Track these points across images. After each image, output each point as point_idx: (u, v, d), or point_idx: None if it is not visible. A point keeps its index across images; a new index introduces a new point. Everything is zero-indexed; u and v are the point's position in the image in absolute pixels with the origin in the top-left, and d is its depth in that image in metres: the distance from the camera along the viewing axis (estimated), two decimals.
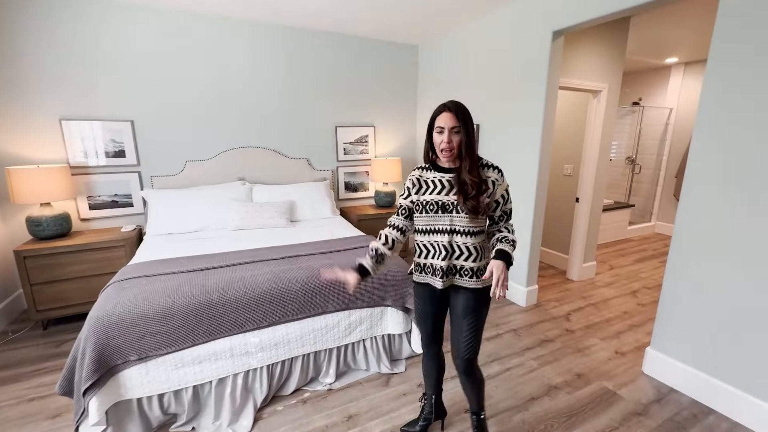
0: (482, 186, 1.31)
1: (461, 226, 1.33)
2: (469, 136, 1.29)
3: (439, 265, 1.36)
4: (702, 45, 4.11)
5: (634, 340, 2.54)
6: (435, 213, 1.34)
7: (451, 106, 1.30)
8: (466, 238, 1.34)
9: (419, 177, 1.41)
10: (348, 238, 2.61)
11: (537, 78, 2.65)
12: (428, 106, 3.98)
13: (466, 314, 1.38)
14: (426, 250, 1.39)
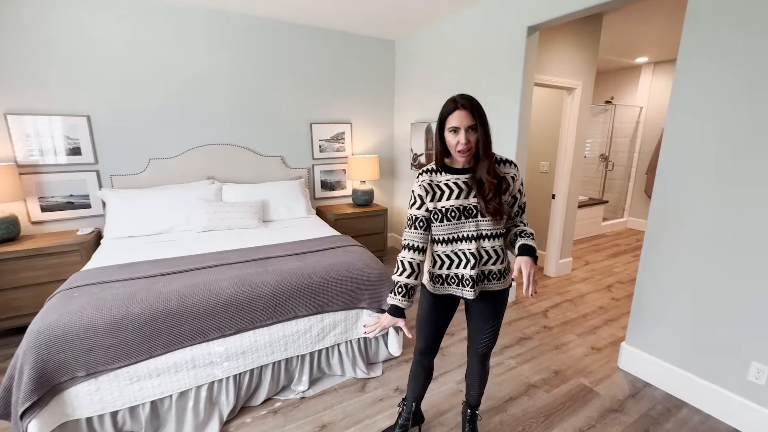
0: (502, 185, 1.24)
1: (487, 229, 1.24)
2: (486, 134, 1.20)
3: (468, 275, 1.25)
4: (670, 45, 4.23)
5: (610, 335, 2.56)
6: (458, 220, 1.24)
7: (464, 102, 1.20)
8: (493, 242, 1.26)
9: (430, 182, 1.27)
10: (323, 239, 2.51)
11: (513, 74, 2.62)
12: (405, 102, 3.92)
13: (490, 317, 1.35)
14: (450, 261, 1.28)
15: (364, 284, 2.02)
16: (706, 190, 1.73)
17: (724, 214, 1.68)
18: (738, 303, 1.68)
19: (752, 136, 1.57)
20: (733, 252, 1.67)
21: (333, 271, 1.99)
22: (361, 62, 3.83)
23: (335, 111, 3.81)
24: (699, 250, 1.79)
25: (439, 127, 1.24)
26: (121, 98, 2.86)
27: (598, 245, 4.73)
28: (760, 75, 1.53)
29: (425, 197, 1.27)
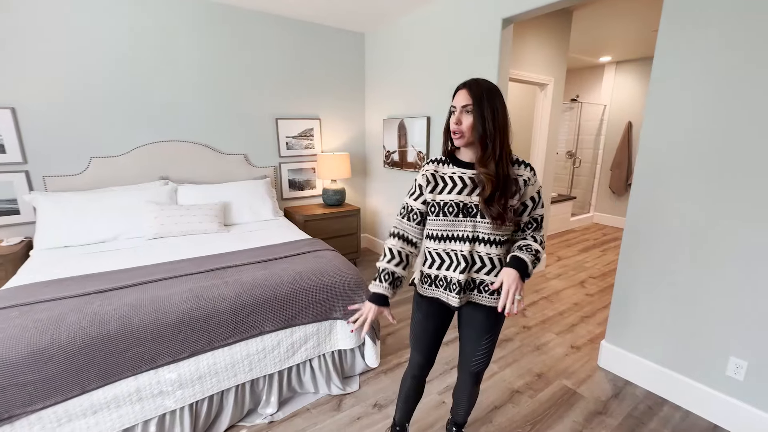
0: (510, 186, 1.09)
1: (486, 233, 1.11)
2: (483, 118, 1.05)
3: (456, 279, 1.14)
4: (632, 45, 4.35)
5: (587, 332, 2.55)
6: (455, 216, 1.12)
7: (470, 83, 1.08)
8: (490, 248, 1.12)
9: (434, 172, 1.17)
10: (291, 243, 2.31)
11: (488, 68, 2.54)
12: (376, 97, 3.77)
13: (484, 333, 1.22)
14: (440, 260, 1.16)
15: (338, 292, 1.85)
16: (683, 187, 1.71)
17: (701, 212, 1.67)
18: (716, 299, 1.67)
19: (729, 132, 1.55)
20: (711, 249, 1.66)
21: (302, 280, 1.80)
22: (330, 55, 3.63)
23: (303, 106, 3.59)
24: (677, 248, 1.77)
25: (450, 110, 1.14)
26: (54, 88, 2.50)
27: (569, 240, 4.81)
28: (735, 71, 1.51)
29: (425, 187, 1.17)
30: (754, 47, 1.46)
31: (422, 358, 1.32)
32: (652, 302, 1.90)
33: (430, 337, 1.28)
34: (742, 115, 1.52)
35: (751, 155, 1.51)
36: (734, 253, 1.60)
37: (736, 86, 1.52)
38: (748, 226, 1.54)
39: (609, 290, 3.24)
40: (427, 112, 3.15)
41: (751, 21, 1.45)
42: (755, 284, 1.56)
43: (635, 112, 5.16)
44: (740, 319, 1.61)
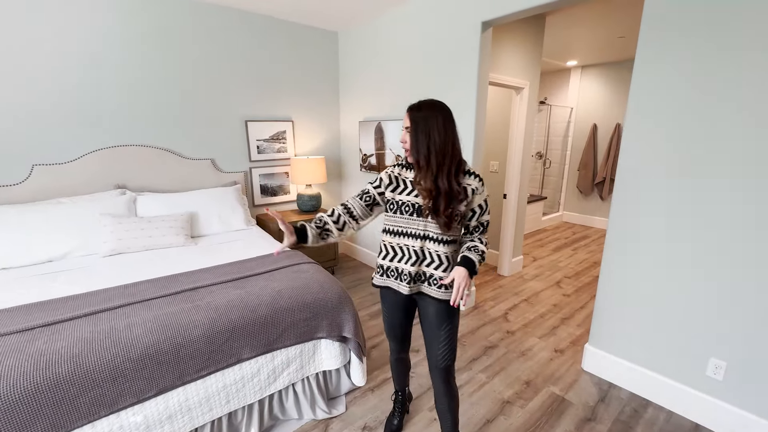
0: (456, 196, 1.22)
1: (435, 233, 1.27)
2: (417, 141, 1.21)
3: (407, 270, 1.30)
4: (596, 50, 4.51)
5: (568, 335, 2.58)
6: (410, 216, 1.28)
7: (414, 106, 1.26)
8: (438, 246, 1.28)
9: (398, 175, 1.33)
10: (267, 257, 2.15)
11: (467, 71, 2.50)
12: (352, 99, 3.65)
13: (440, 324, 1.32)
14: (393, 253, 1.33)
15: (322, 310, 1.73)
16: (663, 190, 1.74)
17: (681, 215, 1.70)
18: (695, 300, 1.72)
19: (708, 135, 1.59)
20: (690, 252, 1.70)
21: (283, 299, 1.67)
22: (302, 54, 3.47)
23: (274, 107, 3.40)
24: (657, 251, 1.80)
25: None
26: None
27: (541, 240, 4.93)
28: (713, 74, 1.54)
29: (386, 185, 1.34)
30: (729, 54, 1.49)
31: (397, 344, 1.52)
32: (633, 306, 1.93)
33: (397, 326, 1.46)
34: (719, 116, 1.55)
35: (730, 156, 1.55)
36: (713, 256, 1.64)
37: (714, 91, 1.56)
38: (728, 228, 1.59)
39: (584, 289, 3.33)
40: (404, 113, 3.07)
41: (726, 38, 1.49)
42: (734, 286, 1.60)
43: (600, 115, 5.37)
44: (719, 320, 1.66)
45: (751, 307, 1.57)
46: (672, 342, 1.82)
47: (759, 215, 1.50)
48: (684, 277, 1.74)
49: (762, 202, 1.49)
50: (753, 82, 1.45)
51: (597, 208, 5.60)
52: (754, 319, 1.57)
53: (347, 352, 1.86)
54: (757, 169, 1.48)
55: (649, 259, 1.84)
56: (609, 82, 5.20)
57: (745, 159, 1.51)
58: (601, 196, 5.51)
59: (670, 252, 1.77)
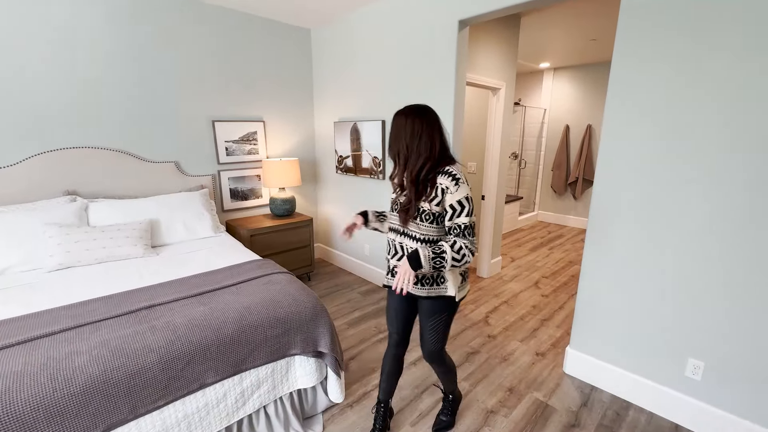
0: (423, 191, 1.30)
1: (409, 229, 1.35)
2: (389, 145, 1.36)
3: (393, 264, 1.43)
4: (568, 53, 4.59)
5: (549, 337, 2.56)
6: (392, 213, 1.42)
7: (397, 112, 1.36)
8: (410, 242, 1.35)
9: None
10: (236, 267, 2.00)
11: (445, 71, 2.44)
12: (326, 99, 3.53)
13: (427, 318, 1.43)
14: (389, 248, 1.45)
15: (295, 324, 1.61)
16: (641, 193, 1.74)
17: (657, 217, 1.70)
18: (672, 301, 1.72)
19: (685, 134, 1.59)
20: (668, 252, 1.70)
21: (252, 315, 1.54)
22: (274, 52, 3.31)
23: (244, 107, 3.23)
24: (636, 253, 1.80)
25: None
26: None
27: (518, 240, 4.97)
28: (691, 72, 1.54)
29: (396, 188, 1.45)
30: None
31: (397, 336, 1.55)
32: (612, 308, 1.92)
33: (398, 317, 1.51)
34: (695, 120, 1.55)
35: (707, 156, 1.55)
36: (690, 256, 1.64)
37: (692, 89, 1.56)
38: (705, 230, 1.59)
39: (561, 289, 3.35)
40: (381, 115, 2.98)
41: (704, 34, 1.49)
42: (709, 287, 1.61)
43: (572, 116, 5.49)
44: (697, 320, 1.67)
45: (726, 307, 1.58)
46: (650, 343, 1.82)
47: (734, 217, 1.51)
48: (661, 278, 1.74)
49: (738, 204, 1.50)
50: (733, 80, 1.45)
51: (571, 207, 5.72)
52: (729, 318, 1.58)
53: (323, 368, 1.75)
54: (733, 170, 1.49)
55: (627, 261, 1.83)
56: (580, 84, 5.32)
57: (722, 159, 1.51)
58: (574, 196, 5.63)
59: (647, 254, 1.76)
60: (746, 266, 1.51)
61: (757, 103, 1.40)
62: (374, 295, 3.15)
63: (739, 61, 1.42)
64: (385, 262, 1.48)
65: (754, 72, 1.39)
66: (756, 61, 1.38)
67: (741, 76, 1.42)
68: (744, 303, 1.54)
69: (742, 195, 1.48)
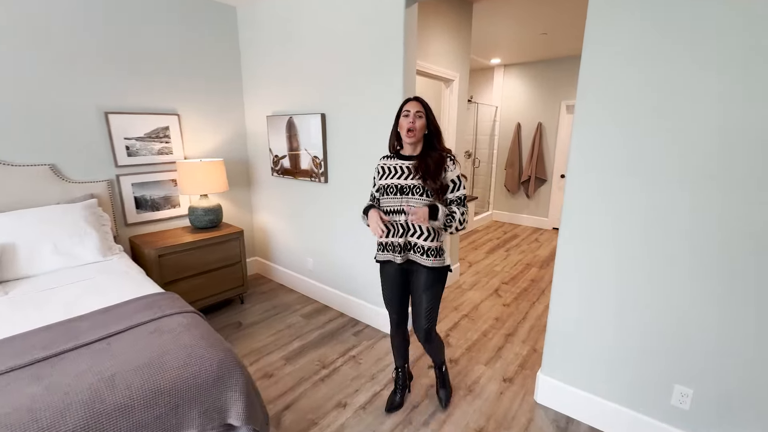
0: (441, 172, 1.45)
1: (415, 206, 1.44)
2: (432, 124, 1.50)
3: (397, 242, 1.51)
4: (518, 48, 4.46)
5: (515, 356, 2.30)
6: (394, 195, 1.50)
7: (418, 97, 1.49)
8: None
9: (384, 165, 1.58)
10: (116, 308, 1.46)
11: (392, 55, 2.07)
12: (258, 90, 3.01)
13: (424, 289, 1.54)
14: (388, 230, 1.51)
15: (190, 395, 1.14)
16: (617, 203, 1.49)
17: (638, 227, 1.46)
18: (656, 321, 1.49)
19: (658, 134, 1.35)
20: (651, 269, 1.47)
21: (116, 391, 1.04)
22: (189, 31, 2.73)
23: (150, 97, 2.62)
24: (613, 271, 1.55)
25: (396, 117, 1.51)
26: None
27: (475, 242, 4.78)
28: (662, 69, 1.30)
29: (378, 177, 1.59)
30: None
31: (396, 316, 1.69)
32: (589, 329, 1.67)
33: (394, 297, 1.64)
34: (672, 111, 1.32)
35: (688, 156, 1.32)
36: (676, 273, 1.42)
37: (665, 80, 1.32)
38: (688, 240, 1.37)
39: (522, 297, 3.15)
40: (321, 108, 2.55)
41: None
42: (698, 305, 1.39)
43: (523, 114, 5.42)
44: (685, 343, 1.45)
45: (717, 328, 1.37)
46: (632, 368, 1.59)
47: (722, 227, 1.29)
48: (643, 296, 1.50)
49: (725, 212, 1.28)
50: (709, 66, 1.23)
51: (524, 206, 5.67)
52: (721, 341, 1.37)
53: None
54: (715, 170, 1.27)
55: (603, 277, 1.58)
56: (531, 81, 5.26)
57: (702, 159, 1.29)
58: (527, 194, 5.59)
59: (627, 270, 1.52)
60: (741, 281, 1.30)
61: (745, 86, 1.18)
62: (319, 317, 2.71)
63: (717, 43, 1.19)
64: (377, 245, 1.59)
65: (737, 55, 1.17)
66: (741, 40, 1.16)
67: (724, 59, 1.20)
68: (738, 323, 1.33)
69: (732, 194, 1.26)
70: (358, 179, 2.43)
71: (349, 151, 2.45)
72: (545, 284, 3.43)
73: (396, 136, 1.54)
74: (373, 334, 2.51)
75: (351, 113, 2.38)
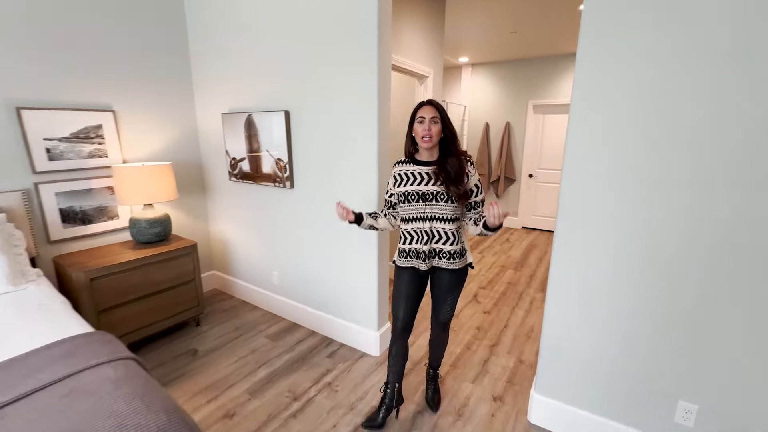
0: (463, 177, 1.44)
1: (440, 213, 1.45)
2: (449, 128, 1.47)
3: (421, 249, 1.49)
4: (487, 46, 4.40)
5: (502, 369, 2.17)
6: (416, 202, 1.47)
7: (431, 100, 1.47)
8: (445, 224, 1.47)
9: (400, 171, 1.53)
10: (17, 361, 1.12)
11: (366, 46, 1.85)
12: (210, 85, 2.66)
13: (449, 291, 1.58)
14: (410, 237, 1.52)
15: None
16: (618, 208, 1.38)
17: (638, 239, 1.35)
18: (660, 333, 1.40)
19: (658, 142, 1.25)
20: (652, 280, 1.37)
21: None
22: (127, 13, 2.34)
23: (78, 89, 2.21)
24: (612, 280, 1.44)
25: (410, 122, 1.49)
26: None
27: None
28: (657, 70, 1.19)
29: (393, 185, 1.55)
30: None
31: (404, 321, 1.60)
32: (585, 344, 1.56)
33: (409, 298, 1.58)
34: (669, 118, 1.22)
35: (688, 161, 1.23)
36: (679, 280, 1.32)
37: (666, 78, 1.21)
38: (692, 246, 1.27)
39: (501, 302, 3.05)
40: (285, 104, 2.28)
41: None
42: (702, 314, 1.31)
43: (491, 114, 5.40)
44: (690, 355, 1.36)
45: (724, 339, 1.29)
46: (632, 383, 1.49)
47: (724, 232, 1.21)
48: (644, 306, 1.40)
49: (734, 217, 1.19)
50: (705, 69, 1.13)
51: None
52: (728, 352, 1.29)
53: None
54: (719, 175, 1.18)
55: (603, 288, 1.47)
56: (498, 81, 5.24)
57: (709, 163, 1.20)
58: (497, 194, 5.58)
59: (627, 280, 1.41)
60: (747, 283, 1.22)
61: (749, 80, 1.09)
62: (288, 338, 2.44)
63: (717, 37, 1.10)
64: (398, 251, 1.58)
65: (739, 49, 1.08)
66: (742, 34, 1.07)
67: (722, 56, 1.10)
68: (745, 332, 1.25)
69: (734, 199, 1.18)
70: (329, 184, 2.19)
71: (319, 152, 2.20)
72: (522, 287, 3.36)
73: (411, 140, 1.51)
74: (349, 354, 2.28)
75: (319, 111, 2.13)
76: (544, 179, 5.23)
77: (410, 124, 1.48)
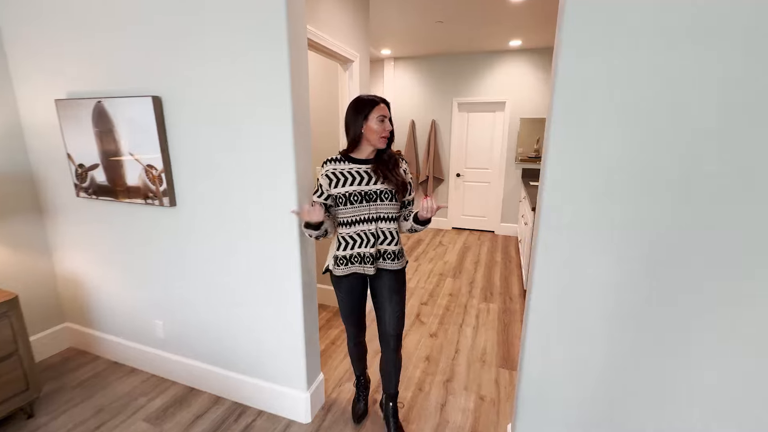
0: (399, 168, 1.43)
1: (386, 212, 1.40)
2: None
3: (368, 253, 1.41)
4: (411, 37, 4.09)
5: (463, 415, 1.81)
6: (359, 203, 1.38)
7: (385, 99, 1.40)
8: (389, 224, 1.42)
9: (335, 170, 1.39)
10: None
11: (269, 9, 1.30)
12: (37, 58, 1.80)
13: (393, 294, 1.48)
14: (353, 241, 1.41)
15: None
16: (607, 213, 1.08)
17: (621, 264, 1.08)
18: (657, 360, 1.15)
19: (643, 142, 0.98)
20: (651, 306, 1.11)
21: None
22: None
23: None
24: (603, 304, 1.15)
25: (364, 118, 1.34)
26: None
27: None
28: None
29: (330, 185, 1.38)
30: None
31: (356, 328, 1.62)
32: (573, 381, 1.26)
33: (355, 308, 1.56)
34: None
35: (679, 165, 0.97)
36: (667, 308, 1.07)
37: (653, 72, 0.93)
38: (681, 273, 1.03)
39: (447, 321, 2.73)
40: (153, 87, 1.58)
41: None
42: (692, 332, 1.08)
43: (416, 111, 5.16)
44: (686, 392, 1.13)
45: (724, 364, 1.08)
46: (626, 418, 1.22)
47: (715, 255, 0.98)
48: (637, 334, 1.14)
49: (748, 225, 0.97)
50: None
51: None
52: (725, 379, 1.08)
53: None
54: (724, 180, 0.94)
55: (591, 320, 1.17)
56: (422, 76, 5.01)
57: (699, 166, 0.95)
58: (426, 195, 5.36)
59: (622, 303, 1.13)
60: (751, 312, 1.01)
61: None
62: (181, 413, 1.75)
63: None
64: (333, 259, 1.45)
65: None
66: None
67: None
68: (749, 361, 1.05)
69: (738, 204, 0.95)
70: (227, 197, 1.58)
71: (212, 154, 1.56)
72: (464, 298, 3.12)
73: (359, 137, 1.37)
74: (271, 425, 1.70)
75: (207, 97, 1.50)
76: (471, 178, 5.16)
77: (360, 119, 1.34)
